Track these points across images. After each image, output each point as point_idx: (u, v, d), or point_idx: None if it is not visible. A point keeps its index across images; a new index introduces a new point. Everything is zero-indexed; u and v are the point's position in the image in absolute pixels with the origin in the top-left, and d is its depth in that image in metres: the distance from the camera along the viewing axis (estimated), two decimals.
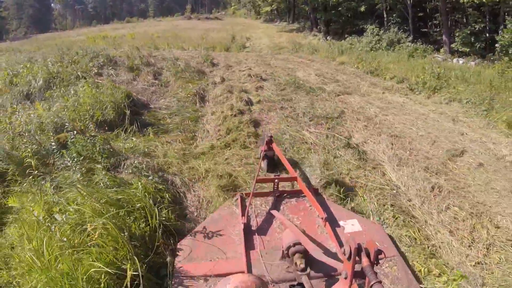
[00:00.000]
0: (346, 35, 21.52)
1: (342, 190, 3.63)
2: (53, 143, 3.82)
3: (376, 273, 1.88)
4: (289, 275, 2.58)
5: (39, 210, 2.54)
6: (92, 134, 3.95)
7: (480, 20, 15.85)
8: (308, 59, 11.72)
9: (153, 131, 4.81)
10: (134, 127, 4.83)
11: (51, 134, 4.10)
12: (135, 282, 2.14)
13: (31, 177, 3.36)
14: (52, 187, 3.03)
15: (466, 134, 5.55)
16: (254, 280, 1.94)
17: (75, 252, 2.18)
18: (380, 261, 1.94)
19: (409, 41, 17.87)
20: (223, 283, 1.92)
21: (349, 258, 1.95)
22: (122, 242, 2.27)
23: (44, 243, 2.21)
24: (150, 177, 3.32)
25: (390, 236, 3.09)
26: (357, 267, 1.95)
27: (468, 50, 15.98)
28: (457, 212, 3.53)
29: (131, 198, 2.73)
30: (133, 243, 2.38)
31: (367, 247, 1.95)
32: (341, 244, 2.82)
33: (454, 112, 6.71)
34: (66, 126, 4.15)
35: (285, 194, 3.57)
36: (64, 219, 2.43)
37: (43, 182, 3.24)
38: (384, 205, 3.48)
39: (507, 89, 8.05)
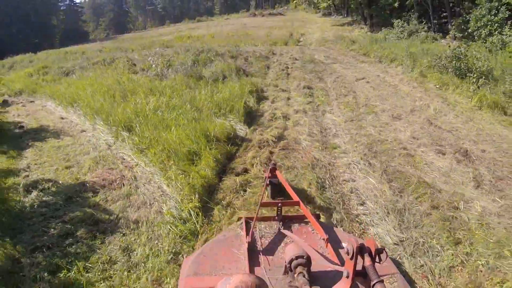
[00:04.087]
0: (382, 28, 30.64)
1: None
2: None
3: (377, 272, 2.16)
4: None
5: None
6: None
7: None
8: (331, 48, 21.85)
9: (249, 75, 15.11)
10: (243, 75, 15.14)
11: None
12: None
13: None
14: None
15: (378, 75, 15.10)
16: (254, 280, 2.18)
17: None
18: (381, 261, 2.24)
19: (424, 31, 26.60)
20: (223, 283, 2.20)
21: (351, 257, 2.24)
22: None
23: None
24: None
25: (391, 259, 3.72)
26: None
27: (461, 35, 24.56)
28: (343, 91, 13.17)
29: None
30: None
31: (368, 245, 2.26)
32: (342, 263, 3.28)
33: (391, 70, 16.18)
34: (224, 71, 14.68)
35: (288, 219, 4.27)
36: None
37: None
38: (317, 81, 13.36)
39: (428, 55, 17.16)
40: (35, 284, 4.03)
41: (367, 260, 2.25)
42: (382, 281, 2.13)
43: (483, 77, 12.67)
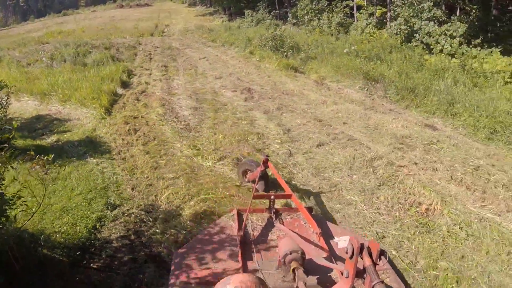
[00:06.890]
0: (238, 17, 39.00)
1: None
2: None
3: (378, 273, 2.30)
4: (285, 284, 3.30)
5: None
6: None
7: None
8: (187, 37, 30.04)
9: (122, 61, 22.44)
10: (117, 60, 22.38)
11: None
12: None
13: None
14: None
15: (217, 55, 23.35)
16: (253, 280, 2.38)
17: None
18: (383, 263, 2.41)
19: (269, 19, 35.17)
20: (223, 283, 2.37)
21: (351, 257, 2.40)
22: None
23: None
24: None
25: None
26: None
27: (295, 21, 33.82)
28: (188, 67, 21.13)
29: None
30: None
31: (369, 246, 2.41)
32: (335, 257, 3.65)
33: (229, 51, 24.52)
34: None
35: (280, 212, 4.62)
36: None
37: None
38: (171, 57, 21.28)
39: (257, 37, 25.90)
40: (42, 137, 11.38)
41: (367, 261, 2.44)
42: (382, 282, 2.30)
43: (291, 50, 21.19)
